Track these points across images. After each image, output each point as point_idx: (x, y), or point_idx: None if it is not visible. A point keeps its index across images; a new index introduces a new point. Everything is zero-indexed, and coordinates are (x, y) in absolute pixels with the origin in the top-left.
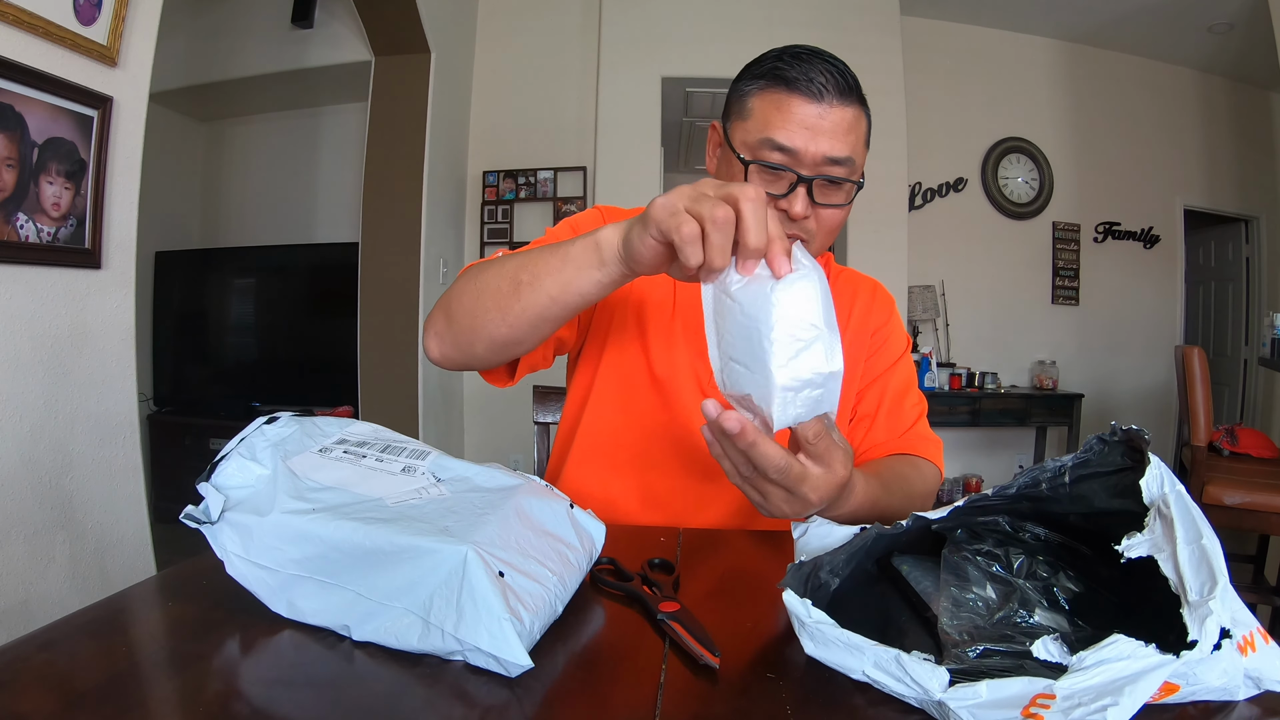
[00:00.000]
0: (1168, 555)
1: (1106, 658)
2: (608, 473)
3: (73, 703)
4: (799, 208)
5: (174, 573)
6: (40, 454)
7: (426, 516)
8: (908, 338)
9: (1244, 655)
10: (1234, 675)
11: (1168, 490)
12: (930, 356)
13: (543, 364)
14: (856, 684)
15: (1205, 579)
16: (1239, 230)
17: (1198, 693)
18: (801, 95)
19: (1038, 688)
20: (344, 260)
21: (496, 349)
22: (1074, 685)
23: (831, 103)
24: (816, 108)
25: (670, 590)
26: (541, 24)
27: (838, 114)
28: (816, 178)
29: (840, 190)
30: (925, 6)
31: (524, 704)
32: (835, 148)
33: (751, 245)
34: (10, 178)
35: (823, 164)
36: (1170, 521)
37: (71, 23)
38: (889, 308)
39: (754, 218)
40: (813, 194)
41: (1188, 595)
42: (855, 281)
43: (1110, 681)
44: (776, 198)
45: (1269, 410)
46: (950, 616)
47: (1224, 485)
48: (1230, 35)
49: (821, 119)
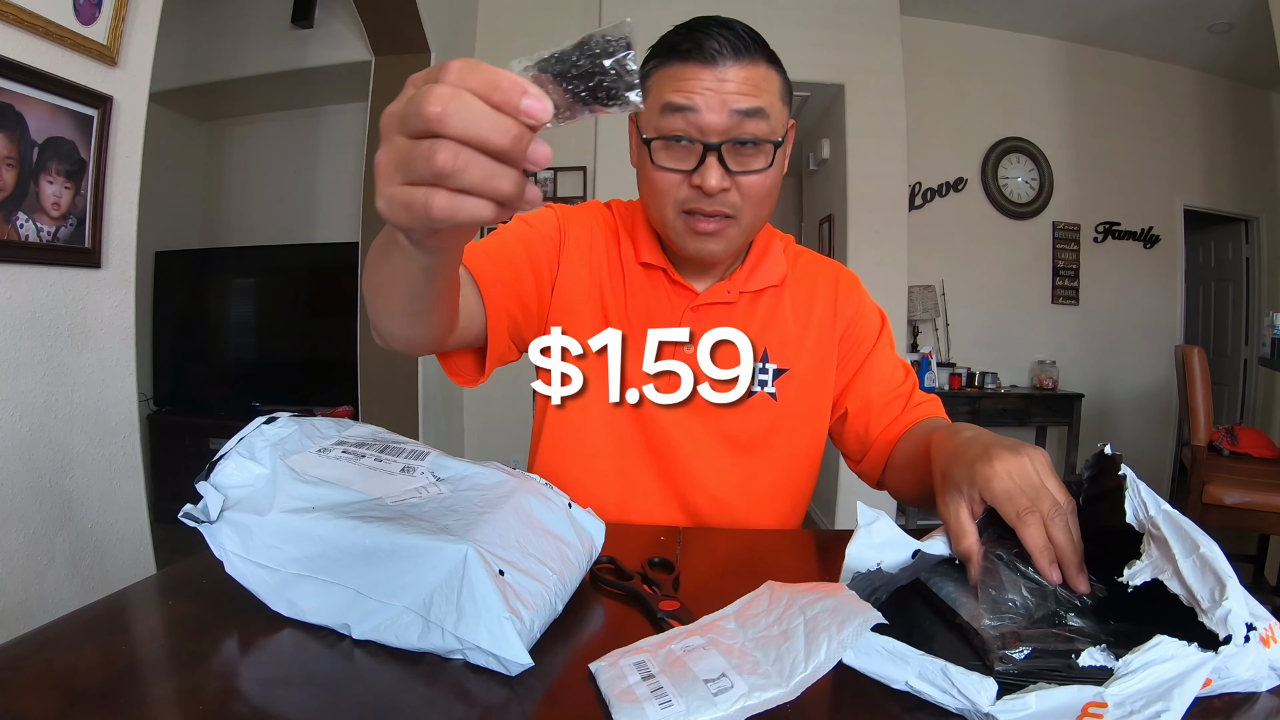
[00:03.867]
0: (1171, 573)
1: (1152, 659)
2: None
3: (72, 701)
4: (714, 180)
5: (173, 572)
6: (40, 453)
7: (426, 515)
8: (879, 311)
9: (1267, 648)
10: (1260, 667)
11: (1153, 513)
12: (930, 356)
13: (511, 356)
14: (851, 683)
15: (1213, 584)
16: (1239, 230)
17: (1226, 685)
18: (695, 63)
19: (1087, 696)
20: (344, 260)
21: (415, 344)
22: (1124, 690)
23: (728, 64)
24: (714, 71)
25: (670, 589)
26: (541, 24)
27: (738, 73)
28: (725, 142)
29: (759, 153)
30: (925, 6)
31: (524, 702)
32: (741, 101)
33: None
34: (10, 177)
35: (730, 128)
36: (1164, 541)
37: (71, 22)
38: (852, 293)
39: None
40: (726, 163)
41: (1201, 605)
42: (814, 273)
43: (1158, 684)
44: (688, 173)
45: (1269, 410)
46: (991, 618)
47: (1224, 485)
48: (1230, 35)
49: (722, 82)
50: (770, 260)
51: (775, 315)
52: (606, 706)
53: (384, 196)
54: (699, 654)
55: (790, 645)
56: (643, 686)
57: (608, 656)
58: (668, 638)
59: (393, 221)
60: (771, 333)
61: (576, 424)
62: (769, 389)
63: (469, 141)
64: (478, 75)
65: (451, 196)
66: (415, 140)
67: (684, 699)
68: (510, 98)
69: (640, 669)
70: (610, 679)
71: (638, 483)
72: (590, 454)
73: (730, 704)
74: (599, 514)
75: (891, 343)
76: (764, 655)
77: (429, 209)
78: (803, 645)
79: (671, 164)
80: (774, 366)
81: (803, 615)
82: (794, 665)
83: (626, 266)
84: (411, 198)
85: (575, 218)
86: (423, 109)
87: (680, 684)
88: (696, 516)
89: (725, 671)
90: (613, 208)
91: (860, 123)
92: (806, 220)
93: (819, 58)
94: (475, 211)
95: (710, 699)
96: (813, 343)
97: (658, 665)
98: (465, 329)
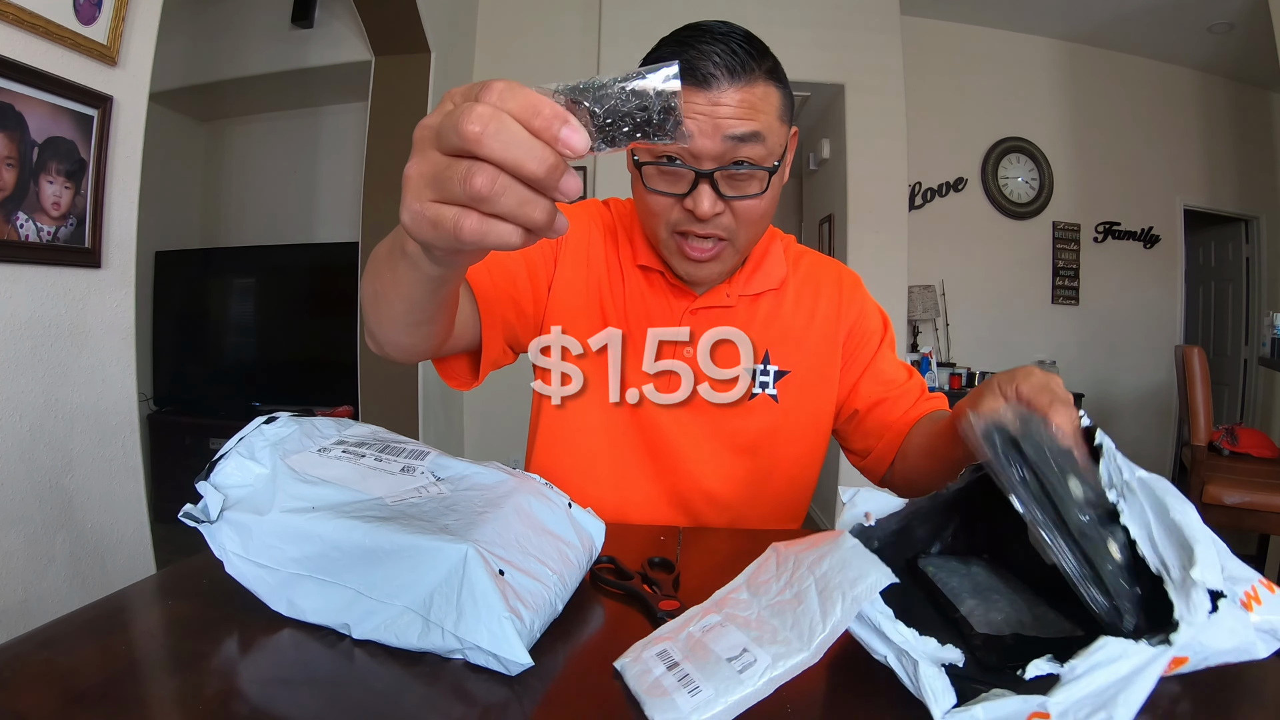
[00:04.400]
0: (1145, 536)
1: (1098, 662)
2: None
3: (72, 701)
4: (705, 206)
5: (173, 572)
6: (40, 453)
7: (426, 515)
8: (881, 312)
9: (1249, 611)
10: (1243, 634)
11: (1127, 478)
12: (930, 356)
13: (506, 360)
14: (859, 686)
15: (1183, 553)
16: (1239, 230)
17: (1210, 659)
18: (688, 85)
19: (1031, 706)
20: (344, 260)
21: (410, 352)
22: (1067, 699)
23: (723, 87)
24: (707, 95)
25: (670, 589)
26: (541, 24)
27: (733, 95)
28: (717, 170)
29: (753, 177)
30: (925, 6)
31: (524, 702)
32: (735, 126)
33: (531, 174)
34: (10, 177)
35: (724, 153)
36: (1140, 506)
37: (71, 22)
38: (856, 294)
39: (504, 143)
40: (719, 188)
41: (1170, 573)
42: (817, 275)
43: (1104, 688)
44: (680, 197)
45: (1269, 410)
46: (985, 616)
47: (1224, 485)
48: (1230, 35)
49: (715, 106)
50: (770, 263)
51: (775, 317)
52: (637, 703)
53: (411, 211)
54: (718, 632)
55: (805, 607)
56: (669, 677)
57: (630, 651)
58: (685, 620)
59: (417, 236)
60: (772, 334)
61: (575, 424)
62: (770, 390)
63: (505, 166)
64: (519, 99)
65: (483, 220)
66: (452, 158)
67: (711, 683)
68: (550, 126)
69: (664, 659)
70: (637, 675)
71: (636, 483)
72: (588, 454)
73: (756, 679)
74: (596, 514)
75: (894, 345)
76: (781, 622)
77: (459, 230)
78: (817, 606)
79: (664, 187)
80: (775, 368)
81: (812, 575)
82: (812, 627)
83: (625, 267)
84: (441, 216)
85: (573, 217)
86: (461, 127)
87: (704, 667)
88: (695, 517)
89: (746, 646)
90: (611, 206)
91: (860, 123)
92: (806, 220)
93: (819, 58)
94: (505, 237)
95: (736, 677)
96: (815, 344)
97: (680, 652)
98: (460, 335)
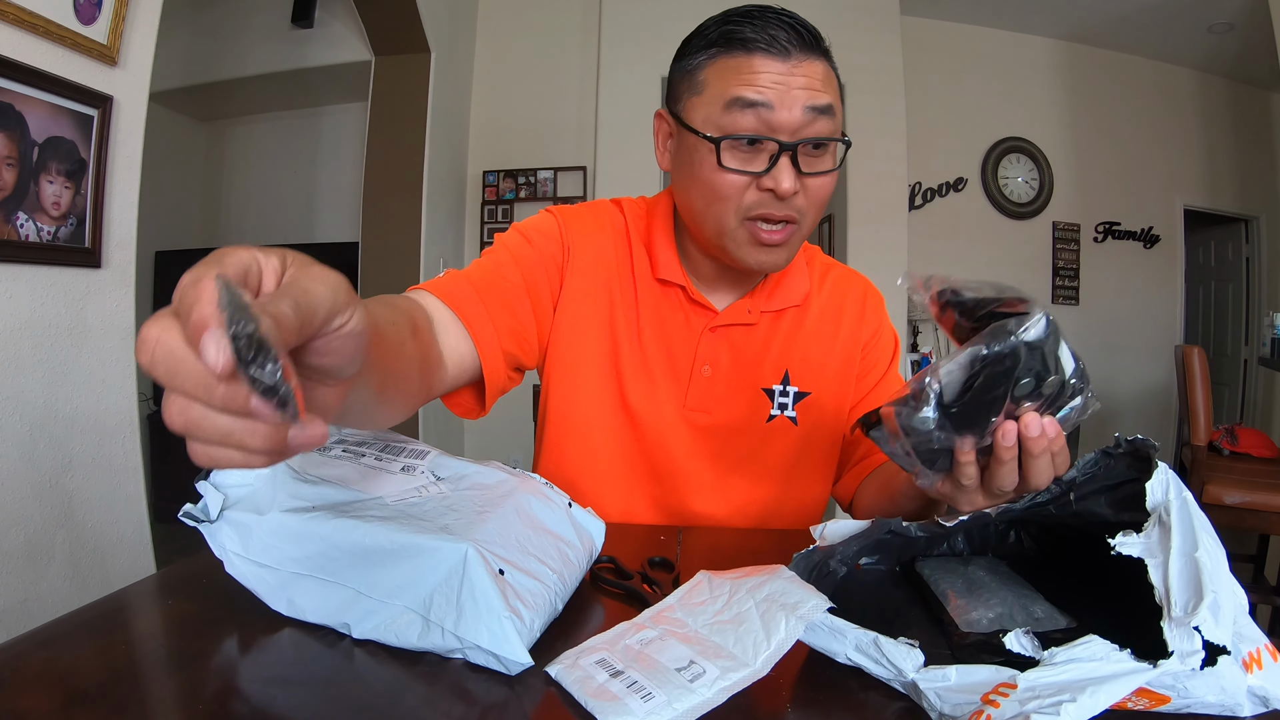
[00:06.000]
0: (1159, 563)
1: (1077, 656)
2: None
3: (72, 700)
4: (787, 183)
5: (173, 571)
6: (40, 453)
7: (426, 514)
8: (894, 334)
9: (1249, 672)
10: (1235, 693)
11: (1172, 496)
12: (930, 356)
13: (510, 384)
14: (857, 684)
15: (1191, 595)
16: (1239, 230)
17: (1192, 706)
18: (763, 54)
19: (1003, 677)
20: (344, 260)
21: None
22: (1037, 679)
23: (799, 59)
24: (783, 64)
25: (670, 589)
26: (541, 23)
27: (808, 68)
28: (801, 143)
29: (827, 154)
30: (925, 6)
31: (524, 702)
32: (814, 97)
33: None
34: (10, 177)
35: (803, 126)
36: (1168, 530)
37: (72, 22)
38: (878, 312)
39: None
40: (798, 163)
41: (1171, 610)
42: (842, 292)
43: (1076, 680)
44: (759, 175)
45: (1269, 410)
46: (973, 614)
47: (1224, 485)
48: (1230, 35)
49: (792, 76)
50: (793, 277)
51: (797, 336)
52: (583, 709)
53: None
54: (659, 645)
55: (747, 628)
56: (615, 683)
57: (562, 658)
58: (619, 634)
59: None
60: (793, 354)
61: (580, 444)
62: (789, 413)
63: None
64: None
65: (206, 448)
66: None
67: (663, 690)
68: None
69: (604, 666)
70: (577, 680)
71: (643, 512)
72: (595, 476)
73: (709, 688)
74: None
75: (898, 369)
76: (723, 640)
77: (191, 454)
78: (760, 626)
79: (739, 166)
80: (795, 389)
81: (752, 599)
82: (756, 645)
83: (640, 280)
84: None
85: (581, 225)
86: (138, 353)
87: (653, 675)
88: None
89: (693, 659)
90: (624, 208)
91: (860, 123)
92: None
93: None
94: (236, 462)
95: (688, 686)
96: (837, 365)
97: (620, 661)
98: (457, 376)
